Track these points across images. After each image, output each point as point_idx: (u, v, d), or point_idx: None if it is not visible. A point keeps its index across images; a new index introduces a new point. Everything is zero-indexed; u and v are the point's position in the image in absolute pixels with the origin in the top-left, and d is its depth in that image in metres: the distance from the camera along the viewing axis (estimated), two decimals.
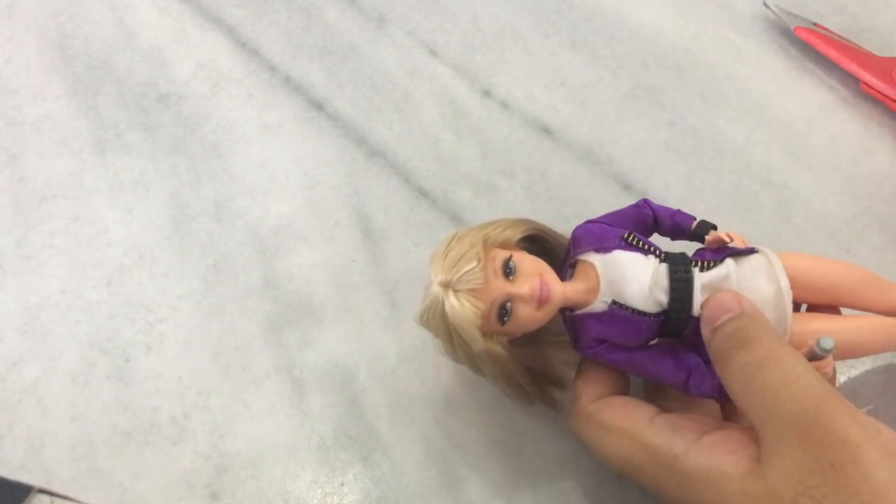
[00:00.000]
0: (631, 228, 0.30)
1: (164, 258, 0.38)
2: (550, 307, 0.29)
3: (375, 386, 0.35)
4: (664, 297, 0.28)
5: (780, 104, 0.43)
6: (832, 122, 0.42)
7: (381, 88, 0.44)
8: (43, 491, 0.29)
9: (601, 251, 0.29)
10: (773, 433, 0.24)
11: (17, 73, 0.44)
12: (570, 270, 0.30)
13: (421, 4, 0.47)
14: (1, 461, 0.33)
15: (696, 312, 0.28)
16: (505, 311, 0.28)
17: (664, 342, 0.30)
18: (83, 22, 0.46)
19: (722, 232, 0.30)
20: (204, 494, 0.32)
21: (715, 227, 0.31)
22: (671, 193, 0.40)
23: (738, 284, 0.28)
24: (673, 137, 0.42)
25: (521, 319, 0.28)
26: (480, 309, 0.28)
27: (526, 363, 0.30)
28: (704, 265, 0.29)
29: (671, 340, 0.30)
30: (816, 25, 0.44)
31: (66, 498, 0.30)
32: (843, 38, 0.44)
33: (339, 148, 0.42)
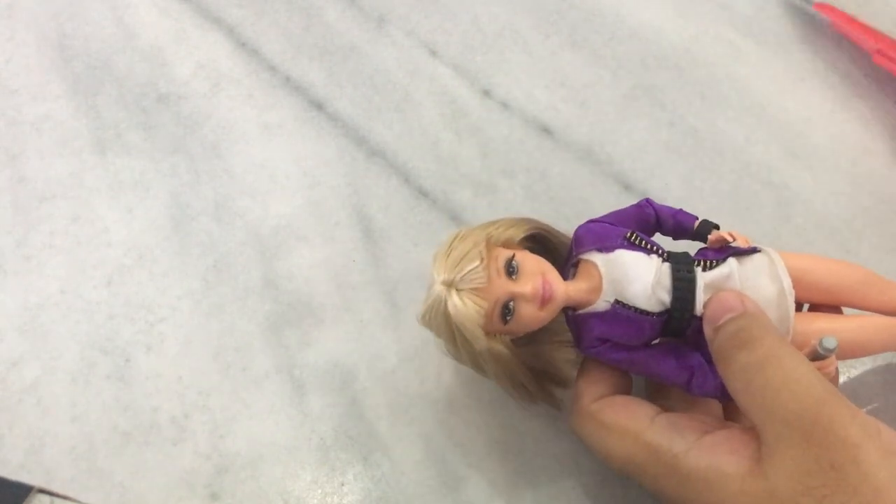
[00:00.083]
0: (633, 228, 0.30)
1: (164, 258, 0.38)
2: (553, 306, 0.29)
3: (375, 386, 0.35)
4: (667, 296, 0.28)
5: (780, 104, 0.43)
6: (832, 122, 0.42)
7: (381, 88, 0.44)
8: (43, 491, 0.29)
9: (604, 250, 0.29)
10: (773, 433, 0.24)
11: (17, 73, 0.44)
12: (572, 270, 0.30)
13: (421, 4, 0.47)
14: (1, 461, 0.33)
15: (698, 312, 0.28)
16: (508, 310, 0.28)
17: (667, 342, 0.30)
18: (83, 22, 0.46)
19: (724, 231, 0.30)
20: (204, 494, 0.32)
21: (717, 226, 0.31)
22: (671, 193, 0.40)
23: (740, 284, 0.28)
24: (673, 137, 0.42)
25: (523, 319, 0.28)
26: (483, 308, 0.28)
27: (528, 362, 0.30)
28: (707, 265, 0.29)
29: (674, 340, 0.30)
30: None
31: (66, 498, 0.30)
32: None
33: (339, 148, 0.42)
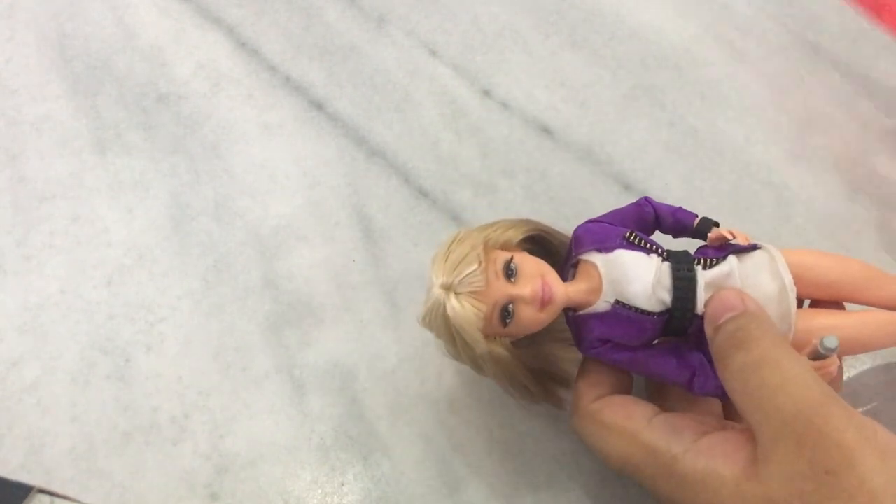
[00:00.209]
0: (632, 227, 0.30)
1: (164, 258, 0.38)
2: (553, 308, 0.28)
3: (375, 386, 0.35)
4: (667, 295, 0.28)
5: (780, 104, 0.43)
6: (832, 122, 0.42)
7: (381, 88, 0.44)
8: (43, 491, 0.29)
9: (603, 251, 0.29)
10: (769, 435, 0.24)
11: (17, 73, 0.44)
12: (572, 270, 0.30)
13: (421, 4, 0.47)
14: (1, 461, 0.33)
15: (700, 310, 0.28)
16: (507, 312, 0.28)
17: (668, 341, 0.30)
18: (83, 22, 0.46)
19: (724, 229, 0.30)
20: (204, 494, 0.32)
21: (717, 224, 0.31)
22: (671, 193, 0.40)
23: (741, 281, 0.28)
24: (673, 137, 0.42)
25: (523, 321, 0.28)
26: (482, 311, 0.27)
27: (529, 363, 0.30)
28: (707, 263, 0.29)
29: (675, 339, 0.30)
30: None
31: (66, 498, 0.30)
32: None
33: (339, 148, 0.42)
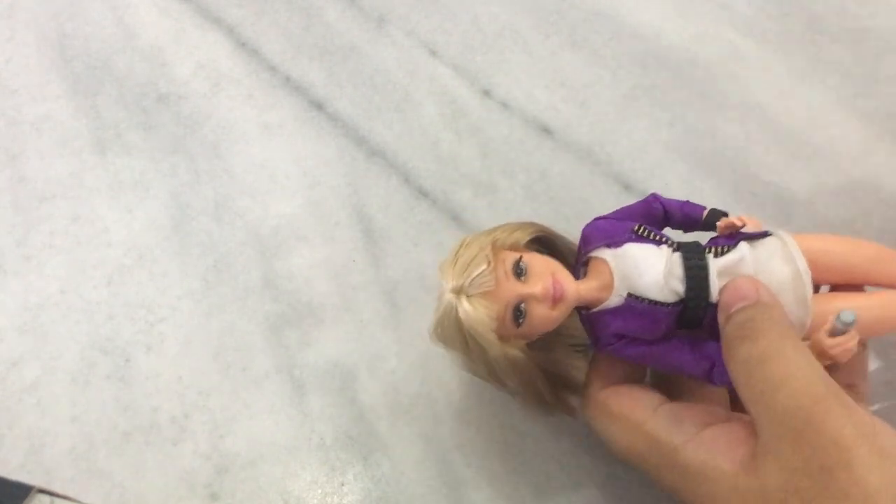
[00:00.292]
0: (641, 223, 0.30)
1: (164, 258, 0.38)
2: (565, 305, 0.28)
3: (375, 386, 0.35)
4: (680, 285, 0.28)
5: (780, 104, 0.43)
6: (832, 122, 0.42)
7: (381, 88, 0.44)
8: (43, 491, 0.29)
9: (612, 246, 0.29)
10: (769, 430, 0.24)
11: (17, 73, 0.44)
12: (582, 269, 0.30)
13: (421, 4, 0.47)
14: (1, 461, 0.33)
15: (714, 299, 0.28)
16: (519, 312, 0.28)
17: (683, 334, 0.29)
18: (83, 22, 0.46)
19: (734, 216, 0.29)
20: (204, 494, 0.32)
21: (726, 214, 0.30)
22: (671, 193, 0.39)
23: (754, 268, 0.28)
24: (673, 137, 0.42)
25: (536, 319, 0.28)
26: (494, 312, 0.27)
27: (543, 365, 0.30)
28: (718, 251, 0.28)
29: (690, 332, 0.29)
30: None
31: (66, 498, 0.30)
32: None
33: (339, 148, 0.42)
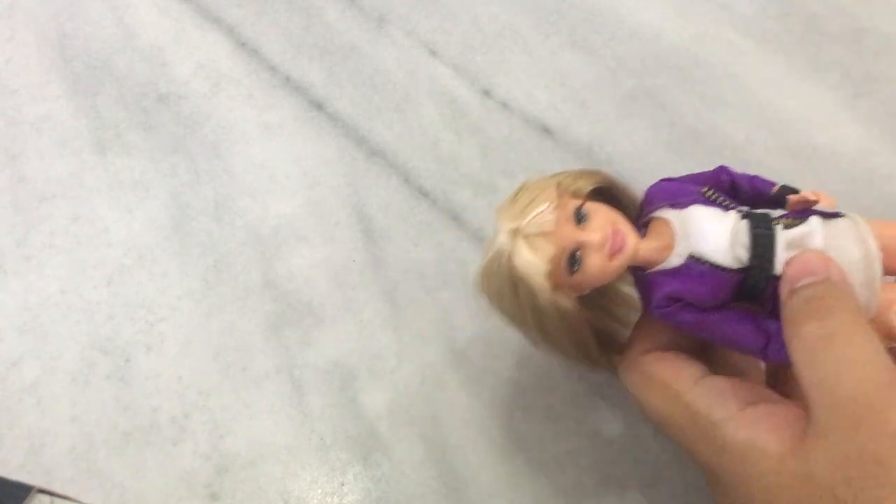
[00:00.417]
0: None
1: (164, 258, 0.38)
2: (623, 258, 0.27)
3: (375, 386, 0.35)
4: (745, 253, 0.26)
5: (780, 104, 0.43)
6: (832, 122, 0.42)
7: (381, 88, 0.44)
8: (43, 491, 0.29)
9: (677, 206, 0.27)
10: (825, 414, 0.23)
11: (17, 73, 0.44)
12: (642, 230, 0.29)
13: (421, 4, 0.47)
14: (1, 461, 0.33)
15: (778, 271, 0.26)
16: (575, 259, 0.26)
17: (741, 305, 0.28)
18: (83, 22, 0.46)
19: (808, 191, 0.28)
20: (204, 494, 0.32)
21: (797, 191, 0.29)
22: None
23: (824, 244, 0.26)
24: (673, 137, 0.42)
25: (591, 269, 0.27)
26: (550, 254, 0.26)
27: (591, 320, 0.29)
28: (788, 223, 0.27)
29: (748, 305, 0.28)
30: None
31: (66, 498, 0.30)
32: None
33: (339, 148, 0.42)
